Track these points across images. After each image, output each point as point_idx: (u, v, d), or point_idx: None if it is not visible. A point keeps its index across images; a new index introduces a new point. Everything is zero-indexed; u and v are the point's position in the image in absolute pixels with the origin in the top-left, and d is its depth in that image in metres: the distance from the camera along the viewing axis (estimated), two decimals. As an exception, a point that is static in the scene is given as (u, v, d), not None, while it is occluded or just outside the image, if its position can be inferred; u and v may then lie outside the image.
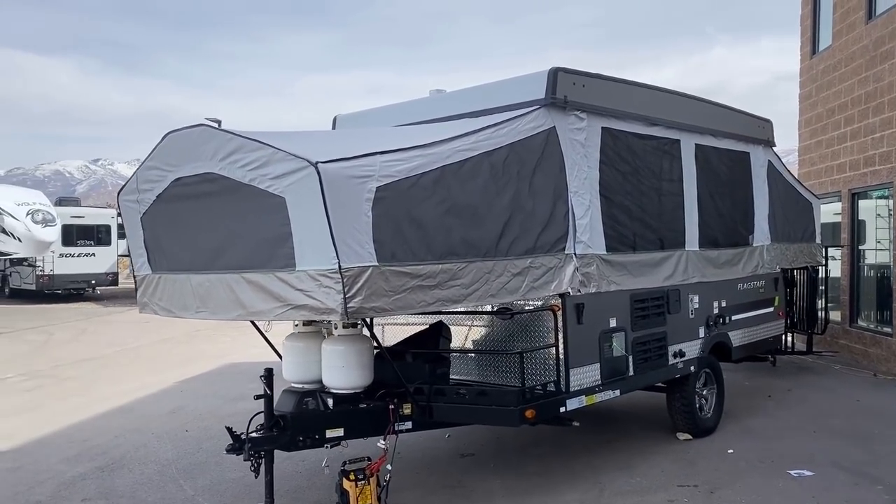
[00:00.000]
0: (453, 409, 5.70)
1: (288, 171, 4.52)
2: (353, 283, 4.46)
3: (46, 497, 6.25)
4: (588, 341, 6.09)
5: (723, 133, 8.03)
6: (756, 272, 8.56)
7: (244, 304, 4.94)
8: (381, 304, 4.63)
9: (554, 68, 5.96)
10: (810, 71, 13.68)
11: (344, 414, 5.53)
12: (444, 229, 5.02)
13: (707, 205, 7.69)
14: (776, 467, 6.60)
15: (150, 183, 5.50)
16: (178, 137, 5.19)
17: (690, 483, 6.24)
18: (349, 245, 4.47)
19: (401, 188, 4.77)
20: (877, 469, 6.49)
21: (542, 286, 5.72)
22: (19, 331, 18.66)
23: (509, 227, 5.47)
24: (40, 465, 7.15)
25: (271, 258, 4.75)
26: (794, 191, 9.67)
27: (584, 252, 6.08)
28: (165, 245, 5.58)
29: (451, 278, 5.03)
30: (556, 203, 5.90)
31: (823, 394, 9.63)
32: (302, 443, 5.39)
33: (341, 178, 4.47)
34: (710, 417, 7.75)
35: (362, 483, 5.53)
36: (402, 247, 4.76)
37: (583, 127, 6.16)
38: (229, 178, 4.86)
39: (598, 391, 6.18)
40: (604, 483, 6.28)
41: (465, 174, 5.19)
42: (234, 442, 5.22)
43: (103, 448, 7.68)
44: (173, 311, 5.57)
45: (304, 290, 4.58)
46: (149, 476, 6.76)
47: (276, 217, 4.64)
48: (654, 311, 6.83)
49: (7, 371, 12.93)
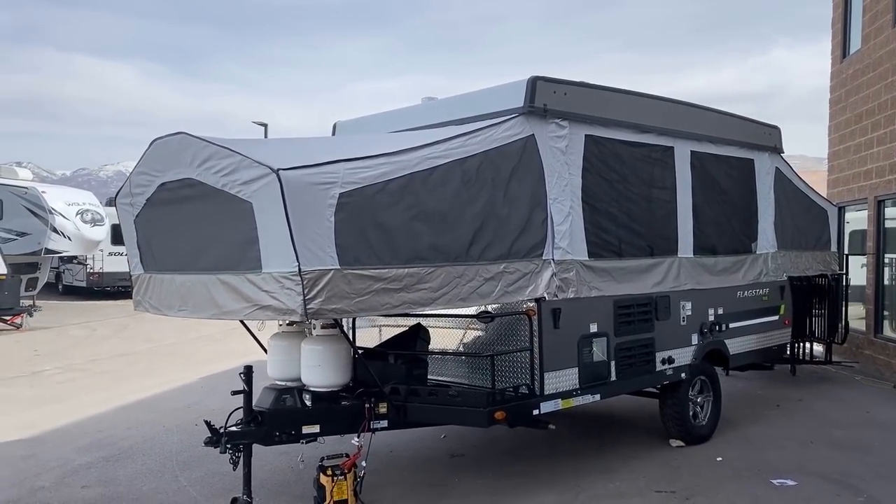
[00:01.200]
0: (426, 410, 5.84)
1: (254, 177, 4.74)
2: (313, 285, 4.66)
3: (49, 483, 6.61)
4: (565, 346, 6.17)
5: (723, 140, 8.00)
6: (759, 280, 8.49)
7: (218, 304, 5.19)
8: (343, 306, 4.81)
9: (533, 77, 6.06)
10: (840, 75, 13.43)
11: (320, 411, 5.74)
12: (411, 234, 5.18)
13: (703, 212, 7.67)
14: (760, 476, 6.58)
15: (140, 187, 5.80)
16: (162, 144, 5.47)
17: (668, 489, 6.27)
18: (310, 249, 4.67)
19: (366, 194, 4.94)
20: (863, 481, 6.42)
21: (516, 291, 5.83)
22: (66, 326, 19.47)
23: (482, 233, 5.60)
24: (52, 453, 7.53)
25: (241, 260, 4.98)
26: (806, 198, 9.54)
27: (563, 258, 6.16)
28: (154, 246, 5.87)
29: (418, 282, 5.19)
30: (534, 209, 6.00)
31: (834, 404, 9.48)
32: (278, 438, 5.62)
33: (303, 185, 4.67)
34: (705, 425, 7.73)
35: (339, 478, 5.74)
36: (367, 251, 4.93)
37: (564, 135, 6.25)
38: (205, 184, 5.11)
39: (576, 395, 6.25)
40: (583, 486, 6.36)
41: (434, 181, 5.34)
42: (213, 435, 5.47)
43: (114, 439, 8.05)
44: (161, 309, 5.86)
45: (269, 291, 4.79)
46: (149, 467, 7.07)
47: (245, 221, 4.86)
48: (640, 317, 6.87)
49: (46, 364, 13.55)
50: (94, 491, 6.39)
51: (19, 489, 6.45)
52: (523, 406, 5.87)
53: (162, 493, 6.32)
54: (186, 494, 6.31)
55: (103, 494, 6.31)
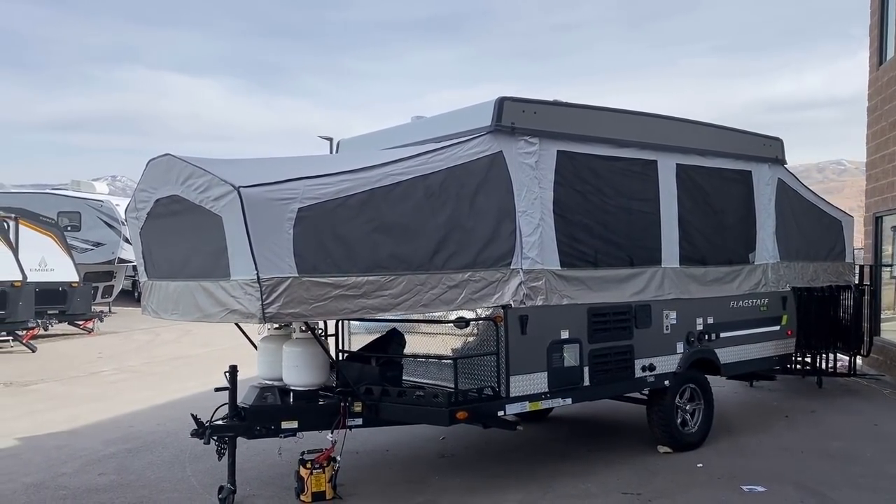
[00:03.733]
0: (396, 409, 6.25)
1: (222, 194, 5.28)
2: (271, 291, 5.15)
3: (72, 470, 7.31)
4: (533, 351, 6.47)
5: (714, 152, 8.14)
6: (757, 290, 8.56)
7: (201, 308, 5.74)
8: (301, 311, 5.29)
9: (500, 98, 6.43)
10: (876, 83, 13.20)
11: (299, 408, 6.23)
12: (371, 245, 5.61)
13: (691, 223, 7.84)
14: (733, 483, 6.70)
15: (142, 203, 6.44)
16: (154, 165, 6.10)
17: (636, 492, 6.48)
18: (269, 258, 5.17)
19: (326, 208, 5.41)
20: (835, 489, 6.48)
21: (481, 298, 6.19)
22: (133, 331, 20.71)
23: (445, 244, 5.99)
24: (83, 444, 8.28)
25: (216, 268, 5.52)
26: (815, 209, 9.53)
27: (533, 267, 6.48)
28: (154, 255, 6.50)
29: (378, 289, 5.62)
30: (502, 221, 6.35)
31: (844, 416, 9.40)
32: (259, 432, 6.13)
33: (263, 201, 5.18)
34: (695, 433, 7.86)
35: (317, 471, 6.23)
36: (325, 260, 5.40)
37: (533, 151, 6.57)
38: (187, 200, 5.69)
39: (545, 398, 6.54)
40: (554, 487, 6.63)
41: (396, 196, 5.77)
42: (198, 428, 6.03)
43: (141, 434, 8.75)
44: (160, 313, 6.48)
45: (236, 296, 5.32)
46: (163, 458, 7.71)
47: (218, 233, 5.41)
48: (616, 325, 7.10)
49: (105, 366, 14.58)
50: (108, 478, 7.05)
51: (44, 474, 7.17)
52: (487, 407, 6.21)
53: (166, 482, 6.92)
54: (188, 483, 6.89)
55: (115, 481, 6.95)
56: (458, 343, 6.82)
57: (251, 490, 6.56)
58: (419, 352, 6.99)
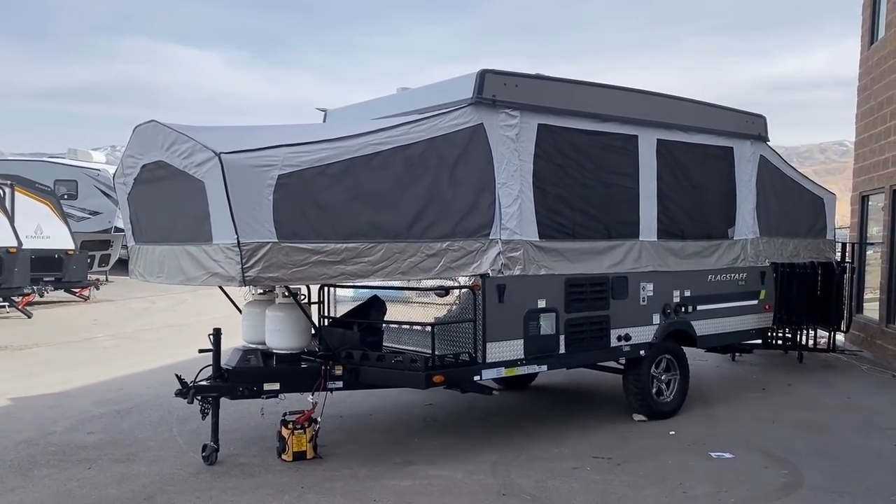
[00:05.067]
0: (375, 373, 6.45)
1: (204, 159, 5.43)
2: (251, 255, 5.32)
3: (62, 429, 7.53)
4: (510, 319, 6.65)
5: (696, 129, 8.26)
6: (735, 265, 8.73)
7: (184, 271, 5.91)
8: (280, 275, 5.46)
9: (482, 70, 6.55)
10: (867, 62, 13.27)
11: (281, 370, 6.42)
12: (350, 213, 5.77)
13: (670, 198, 7.98)
14: (702, 449, 6.92)
15: (129, 168, 6.58)
16: (140, 131, 6.23)
17: (606, 456, 6.69)
18: (249, 223, 5.33)
19: (305, 176, 5.56)
20: (798, 457, 6.69)
21: (460, 267, 6.36)
22: (129, 299, 20.90)
23: (424, 213, 6.14)
24: (74, 405, 8.48)
25: (199, 233, 5.68)
26: (797, 186, 9.67)
27: (511, 238, 6.64)
28: (141, 220, 6.66)
29: (356, 256, 5.79)
30: (481, 192, 6.50)
31: (819, 389, 9.62)
32: (241, 392, 6.33)
33: (243, 167, 5.32)
34: (670, 402, 8.06)
35: (299, 432, 6.44)
36: (305, 226, 5.55)
37: (514, 124, 6.70)
38: (171, 166, 5.83)
39: (521, 365, 6.74)
40: (528, 450, 6.85)
41: (376, 165, 5.91)
42: (182, 387, 6.23)
43: (131, 396, 8.96)
44: (146, 276, 6.65)
45: (217, 260, 5.49)
46: (151, 420, 7.92)
47: (200, 198, 5.56)
48: (593, 296, 7.27)
49: (99, 332, 14.79)
50: (96, 437, 7.26)
51: (35, 432, 7.38)
52: (463, 371, 6.41)
53: (153, 441, 7.13)
54: (174, 443, 7.10)
55: (103, 440, 7.16)
56: (438, 311, 7.00)
57: (235, 450, 6.77)
58: (402, 319, 7.16)
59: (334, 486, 5.88)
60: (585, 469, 6.34)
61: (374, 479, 6.03)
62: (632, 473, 6.22)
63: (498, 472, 6.21)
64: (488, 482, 5.98)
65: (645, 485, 5.95)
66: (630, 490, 5.84)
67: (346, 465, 6.37)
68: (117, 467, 6.33)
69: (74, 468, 6.30)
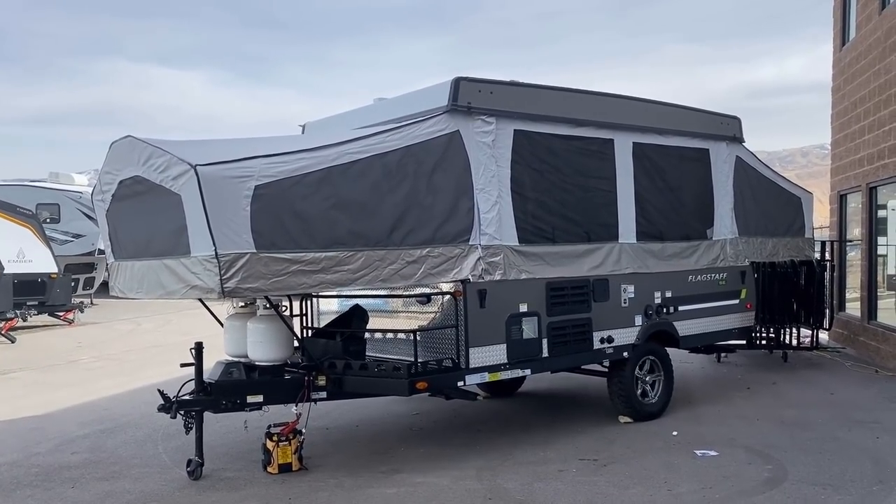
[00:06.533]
0: (359, 382, 6.45)
1: (180, 172, 5.44)
2: (229, 267, 5.32)
3: (46, 450, 7.46)
4: (492, 324, 6.67)
5: (671, 131, 8.35)
6: (715, 265, 8.80)
7: (164, 285, 5.91)
8: (259, 286, 5.46)
9: (456, 78, 6.60)
10: (839, 63, 13.46)
11: (263, 382, 6.41)
12: (329, 222, 5.79)
13: (648, 200, 8.05)
14: (687, 448, 6.95)
15: (107, 185, 6.58)
16: (117, 147, 6.24)
17: (592, 458, 6.71)
18: (226, 235, 5.33)
19: (282, 186, 5.58)
20: (782, 452, 6.72)
21: (440, 273, 6.38)
22: (115, 321, 20.76)
23: (404, 220, 6.17)
24: (57, 427, 8.41)
25: (177, 246, 5.69)
26: (774, 186, 9.77)
27: (491, 243, 6.68)
28: (120, 236, 6.66)
29: (336, 264, 5.80)
30: (460, 199, 6.54)
31: (803, 387, 9.68)
32: (225, 406, 6.31)
33: (219, 178, 5.34)
34: (655, 403, 8.10)
35: (283, 444, 6.42)
36: (283, 236, 5.57)
37: (490, 130, 6.75)
38: (148, 180, 5.84)
39: (505, 369, 6.75)
40: (514, 454, 6.86)
41: (353, 174, 5.94)
42: (165, 402, 6.20)
43: (116, 415, 8.90)
44: (126, 293, 6.64)
45: (196, 273, 5.49)
46: (136, 438, 7.87)
47: (178, 211, 5.57)
48: (574, 299, 7.31)
49: (83, 355, 14.67)
50: (81, 456, 7.20)
51: (18, 454, 7.32)
52: (446, 377, 6.42)
53: (138, 459, 7.09)
54: (159, 460, 7.06)
55: (88, 459, 7.11)
56: (420, 318, 7.01)
57: (220, 464, 6.74)
58: (385, 328, 7.17)
59: (320, 496, 5.87)
60: (571, 471, 6.36)
61: (360, 488, 6.03)
62: (617, 474, 6.24)
63: (484, 478, 6.22)
64: (474, 487, 5.98)
65: (630, 484, 5.97)
66: (616, 490, 5.85)
67: (332, 475, 6.36)
68: (101, 485, 6.29)
69: (58, 487, 6.26)
